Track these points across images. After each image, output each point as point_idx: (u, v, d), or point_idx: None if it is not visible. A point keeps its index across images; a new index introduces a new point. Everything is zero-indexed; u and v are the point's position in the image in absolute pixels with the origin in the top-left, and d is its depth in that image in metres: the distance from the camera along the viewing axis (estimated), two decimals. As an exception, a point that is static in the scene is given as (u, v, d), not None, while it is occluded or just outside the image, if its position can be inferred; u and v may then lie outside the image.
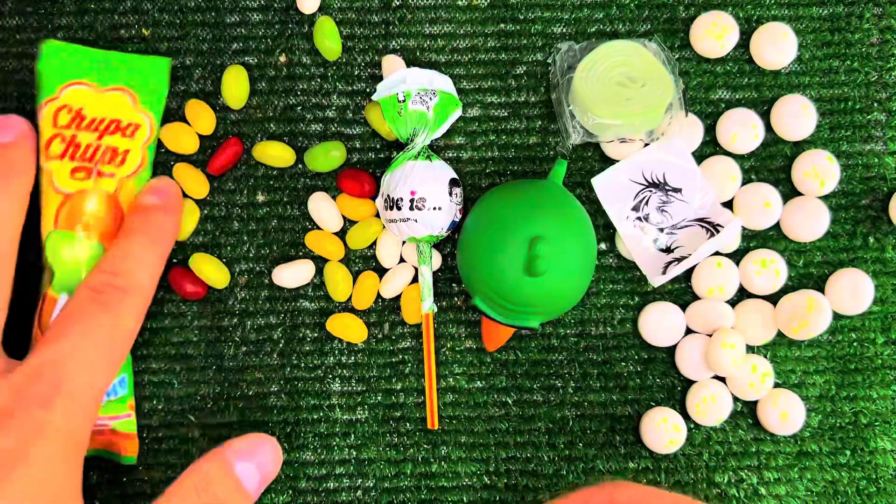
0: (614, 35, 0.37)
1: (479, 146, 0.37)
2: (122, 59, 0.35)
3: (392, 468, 0.37)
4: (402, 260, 0.37)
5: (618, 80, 0.35)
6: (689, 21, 0.37)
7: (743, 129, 0.36)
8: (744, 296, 0.37)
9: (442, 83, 0.35)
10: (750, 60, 0.37)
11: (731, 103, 0.37)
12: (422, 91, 0.35)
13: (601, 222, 0.37)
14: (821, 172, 0.36)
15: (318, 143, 0.37)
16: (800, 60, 0.37)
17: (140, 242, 0.33)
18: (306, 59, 0.37)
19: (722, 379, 0.36)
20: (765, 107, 0.37)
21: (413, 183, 0.34)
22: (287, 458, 0.37)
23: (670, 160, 0.36)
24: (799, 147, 0.37)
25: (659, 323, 0.36)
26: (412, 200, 0.34)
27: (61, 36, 0.37)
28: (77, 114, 0.34)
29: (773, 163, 0.37)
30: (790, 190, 0.37)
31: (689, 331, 0.37)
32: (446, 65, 0.37)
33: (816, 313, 0.35)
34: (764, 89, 0.37)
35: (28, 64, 0.37)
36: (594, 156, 0.37)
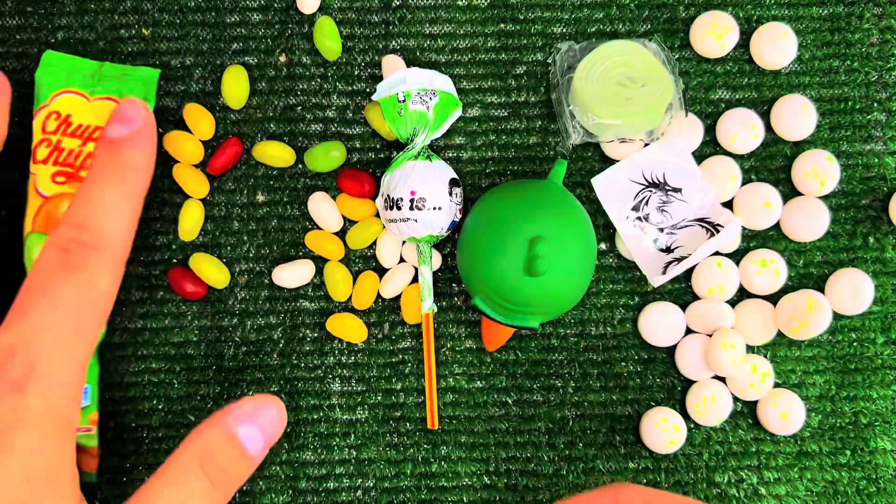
0: (614, 35, 0.37)
1: (479, 146, 0.37)
2: (114, 69, 0.35)
3: (392, 468, 0.37)
4: (402, 260, 0.37)
5: (618, 80, 0.35)
6: (689, 21, 0.37)
7: (743, 129, 0.36)
8: (744, 296, 0.37)
9: (442, 83, 0.35)
10: (750, 60, 0.37)
11: (731, 103, 0.37)
12: (422, 91, 0.35)
13: (601, 222, 0.37)
14: (821, 172, 0.36)
15: (318, 143, 0.37)
16: (800, 60, 0.37)
17: (109, 185, 0.29)
18: (306, 59, 0.37)
19: (722, 379, 0.36)
20: (765, 107, 0.37)
21: (413, 183, 0.34)
22: (287, 458, 0.37)
23: (670, 160, 0.36)
24: (799, 147, 0.37)
25: (659, 323, 0.36)
26: (412, 200, 0.34)
27: (61, 36, 0.37)
28: (64, 120, 0.34)
29: (773, 163, 0.37)
30: (790, 190, 0.37)
31: (689, 331, 0.37)
32: (446, 65, 0.37)
33: (816, 313, 0.35)
34: (764, 89, 0.37)
35: (28, 64, 0.37)
36: (594, 156, 0.37)
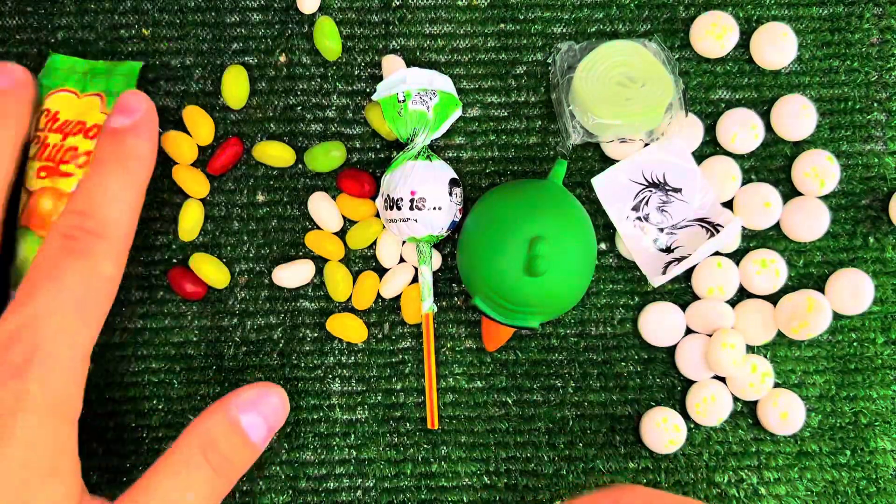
0: (614, 35, 0.37)
1: (479, 146, 0.37)
2: (104, 67, 0.36)
3: (392, 468, 0.37)
4: (402, 260, 0.37)
5: (618, 80, 0.35)
6: (689, 21, 0.37)
7: (743, 129, 0.36)
8: (744, 296, 0.37)
9: (442, 83, 0.35)
10: (750, 60, 0.37)
11: (731, 103, 0.37)
12: (422, 91, 0.35)
13: (601, 222, 0.37)
14: (821, 172, 0.36)
15: (318, 143, 0.37)
16: (800, 60, 0.37)
17: (112, 174, 0.29)
18: (306, 59, 0.37)
19: (722, 379, 0.36)
20: (765, 107, 0.37)
21: (413, 183, 0.34)
22: (287, 458, 0.37)
23: (670, 160, 0.36)
24: (799, 147, 0.37)
25: (659, 323, 0.36)
26: (412, 200, 0.34)
27: (61, 36, 0.37)
28: (52, 117, 0.34)
29: (773, 163, 0.37)
30: (790, 190, 0.37)
31: (689, 331, 0.37)
32: (446, 65, 0.37)
33: (816, 313, 0.35)
34: (764, 89, 0.37)
35: (28, 64, 0.37)
36: (594, 156, 0.37)
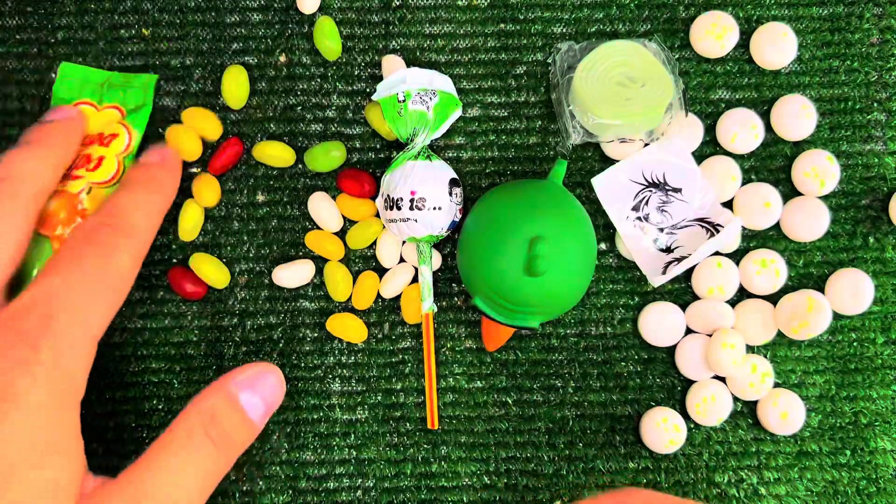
0: (614, 35, 0.37)
1: (479, 146, 0.37)
2: (120, 79, 0.36)
3: (392, 468, 0.37)
4: (402, 260, 0.37)
5: (618, 80, 0.35)
6: (689, 21, 0.37)
7: (743, 129, 0.36)
8: (744, 296, 0.37)
9: (442, 83, 0.35)
10: (750, 60, 0.37)
11: (731, 103, 0.37)
12: (422, 91, 0.35)
13: (601, 222, 0.37)
14: (821, 172, 0.36)
15: (318, 143, 0.37)
16: (800, 60, 0.37)
17: (137, 191, 0.32)
18: (306, 59, 0.37)
19: (722, 379, 0.36)
20: (765, 107, 0.37)
21: (413, 183, 0.34)
22: (287, 458, 0.37)
23: (670, 160, 0.36)
24: (799, 147, 0.37)
25: (659, 323, 0.36)
26: (412, 200, 0.34)
27: (61, 36, 0.37)
28: None
29: (773, 163, 0.37)
30: (790, 190, 0.37)
31: (689, 331, 0.37)
32: (446, 65, 0.37)
33: (816, 313, 0.35)
34: (764, 89, 0.37)
35: (28, 64, 0.37)
36: (594, 156, 0.37)
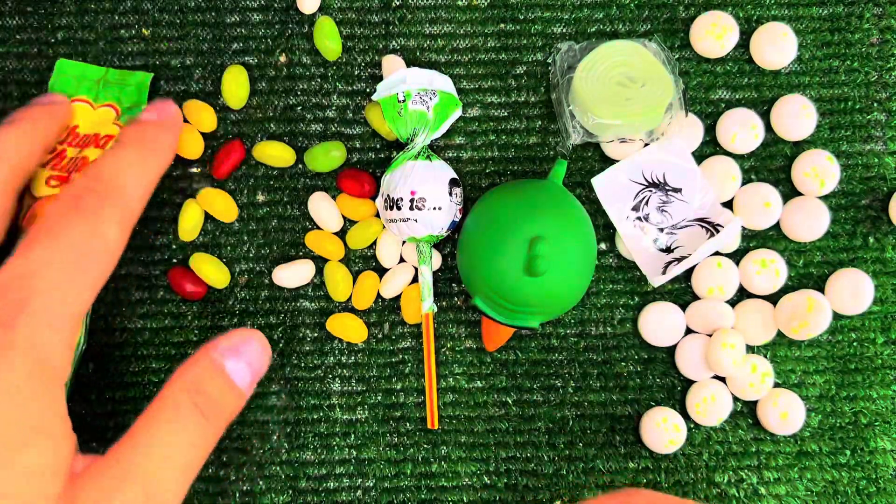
0: (614, 35, 0.37)
1: (479, 146, 0.37)
2: (116, 76, 0.36)
3: (392, 468, 0.37)
4: (402, 260, 0.37)
5: (618, 80, 0.35)
6: (689, 21, 0.37)
7: (743, 129, 0.36)
8: (744, 296, 0.37)
9: (442, 83, 0.35)
10: (750, 60, 0.37)
11: (731, 103, 0.37)
12: (422, 91, 0.35)
13: (601, 222, 0.37)
14: (821, 172, 0.36)
15: (318, 143, 0.37)
16: (800, 60, 0.37)
17: (129, 152, 0.30)
18: (306, 59, 0.37)
19: (722, 379, 0.36)
20: (765, 107, 0.37)
21: (413, 183, 0.34)
22: (287, 458, 0.37)
23: (670, 160, 0.36)
24: (799, 147, 0.37)
25: (659, 323, 0.36)
26: (412, 200, 0.34)
27: (61, 36, 0.37)
28: (71, 131, 0.34)
29: (773, 163, 0.37)
30: (790, 190, 0.37)
31: (689, 331, 0.37)
32: (446, 65, 0.37)
33: (816, 313, 0.35)
34: (764, 89, 0.37)
35: (28, 64, 0.37)
36: (594, 156, 0.37)
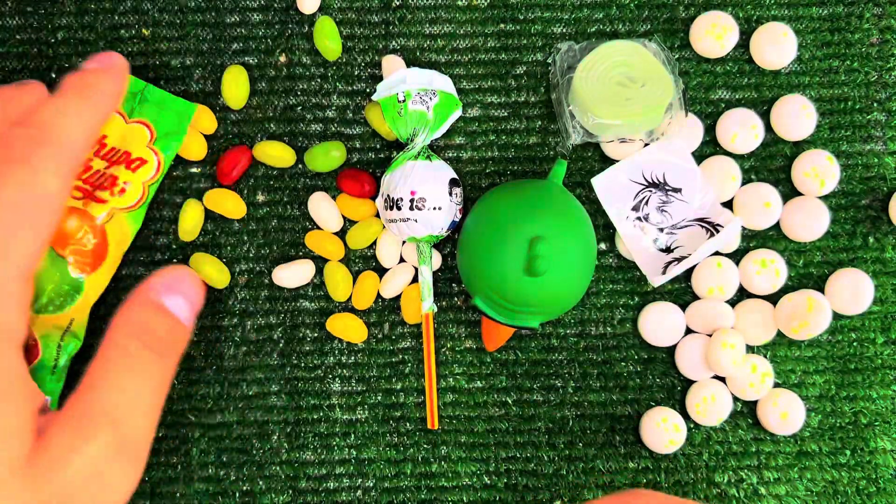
0: (614, 35, 0.37)
1: (479, 146, 0.37)
2: (156, 94, 0.35)
3: (392, 468, 0.37)
4: (402, 260, 0.37)
5: (618, 80, 0.35)
6: (689, 21, 0.37)
7: (743, 129, 0.36)
8: (744, 296, 0.37)
9: (442, 83, 0.35)
10: (750, 60, 0.37)
11: (731, 103, 0.37)
12: (422, 91, 0.35)
13: (601, 222, 0.37)
14: (821, 172, 0.36)
15: (318, 143, 0.37)
16: (800, 60, 0.37)
17: (68, 98, 0.28)
18: (306, 59, 0.37)
19: (722, 379, 0.36)
20: (765, 107, 0.37)
21: (413, 183, 0.34)
22: (287, 458, 0.37)
23: (670, 160, 0.36)
24: (799, 147, 0.37)
25: (659, 323, 0.36)
26: (412, 200, 0.34)
27: (61, 36, 0.37)
28: (99, 140, 0.34)
29: (773, 163, 0.37)
30: (790, 190, 0.37)
31: (689, 331, 0.37)
32: (446, 65, 0.37)
33: (816, 313, 0.35)
34: (764, 89, 0.37)
35: (28, 64, 0.37)
36: (594, 156, 0.37)
